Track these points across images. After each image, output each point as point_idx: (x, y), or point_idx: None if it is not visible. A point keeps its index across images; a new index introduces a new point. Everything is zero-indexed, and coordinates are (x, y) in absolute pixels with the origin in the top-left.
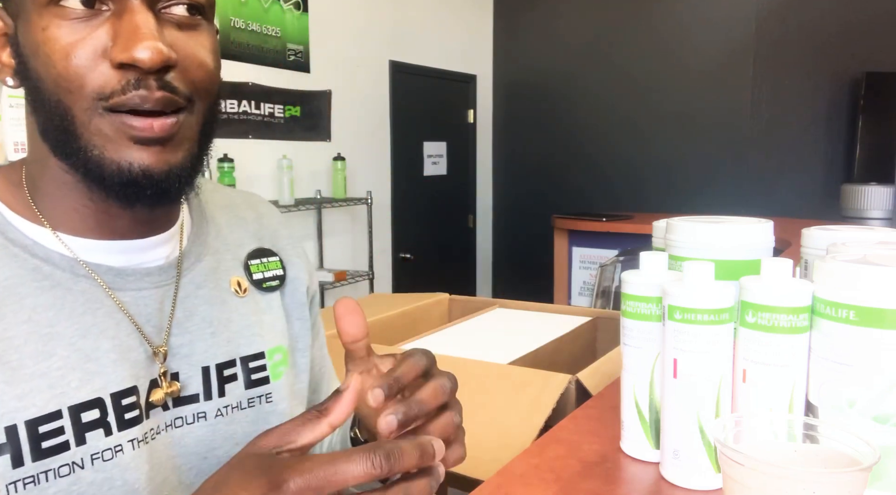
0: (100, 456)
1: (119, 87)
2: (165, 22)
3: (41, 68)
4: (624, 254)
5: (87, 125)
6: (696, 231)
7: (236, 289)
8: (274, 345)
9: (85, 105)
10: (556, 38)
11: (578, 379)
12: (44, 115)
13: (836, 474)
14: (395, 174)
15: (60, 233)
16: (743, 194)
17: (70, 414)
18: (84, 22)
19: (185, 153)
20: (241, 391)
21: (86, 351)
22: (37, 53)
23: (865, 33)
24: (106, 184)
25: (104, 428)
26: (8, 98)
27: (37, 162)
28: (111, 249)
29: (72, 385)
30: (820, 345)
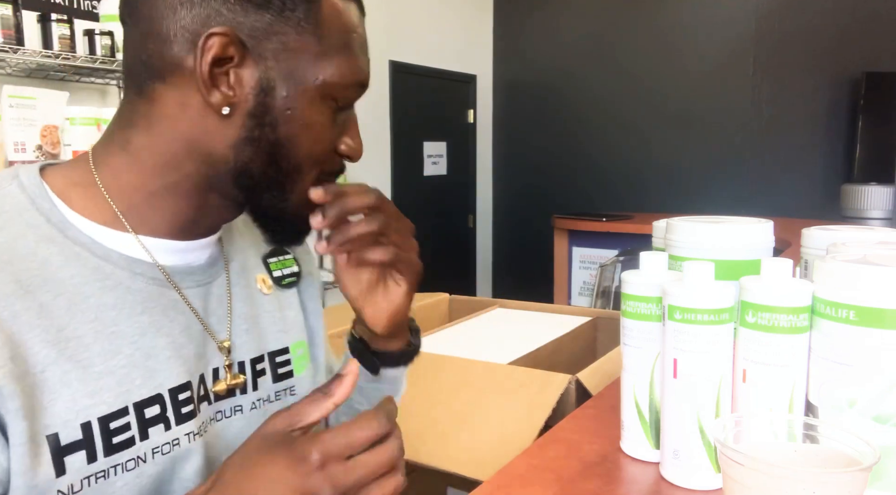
0: (160, 449)
1: (336, 169)
2: None
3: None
4: (624, 254)
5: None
6: (696, 231)
7: (262, 286)
8: (296, 340)
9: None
10: (557, 37)
11: (578, 380)
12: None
13: (836, 474)
14: (395, 174)
15: (124, 232)
16: (743, 194)
17: (135, 411)
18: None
19: None
20: (269, 384)
21: (145, 348)
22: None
23: (865, 33)
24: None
25: (164, 423)
26: (8, 98)
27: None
28: (167, 248)
29: (135, 382)
30: (820, 345)
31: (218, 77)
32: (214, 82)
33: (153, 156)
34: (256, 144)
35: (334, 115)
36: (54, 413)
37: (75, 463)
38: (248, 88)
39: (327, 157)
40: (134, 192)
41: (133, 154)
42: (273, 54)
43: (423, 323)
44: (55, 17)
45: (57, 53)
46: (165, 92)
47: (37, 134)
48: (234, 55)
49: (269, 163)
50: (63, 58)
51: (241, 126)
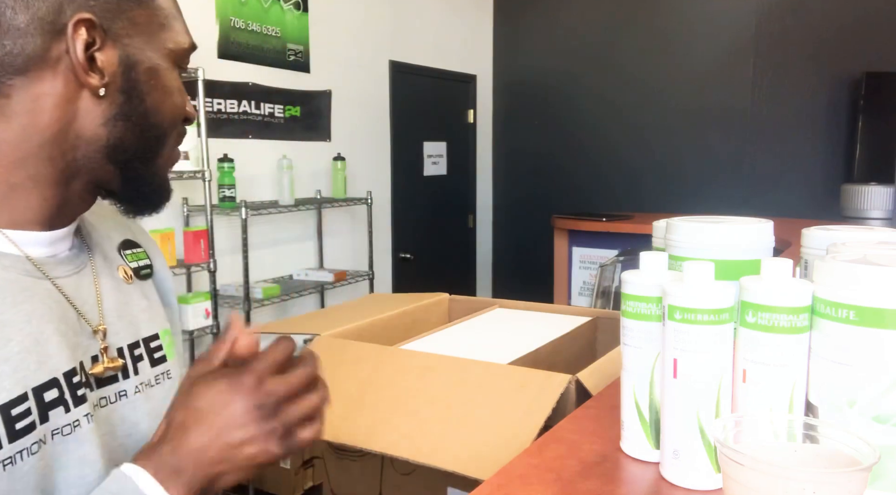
0: (59, 431)
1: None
2: None
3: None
4: (624, 254)
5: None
6: (696, 231)
7: (124, 276)
8: (163, 327)
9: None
10: (556, 37)
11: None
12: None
13: (836, 474)
14: (395, 174)
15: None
16: (743, 194)
17: (34, 395)
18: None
19: None
20: (148, 369)
21: (34, 334)
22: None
23: (865, 33)
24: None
25: (63, 406)
26: None
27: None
28: (42, 240)
29: (31, 367)
30: (820, 345)
31: (88, 61)
32: (88, 65)
33: (15, 150)
34: (127, 118)
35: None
36: None
37: None
38: (115, 66)
39: (179, 121)
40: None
41: (18, 157)
42: (126, 31)
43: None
44: None
45: None
46: (25, 85)
47: None
48: (97, 38)
49: (139, 134)
50: None
51: (112, 103)
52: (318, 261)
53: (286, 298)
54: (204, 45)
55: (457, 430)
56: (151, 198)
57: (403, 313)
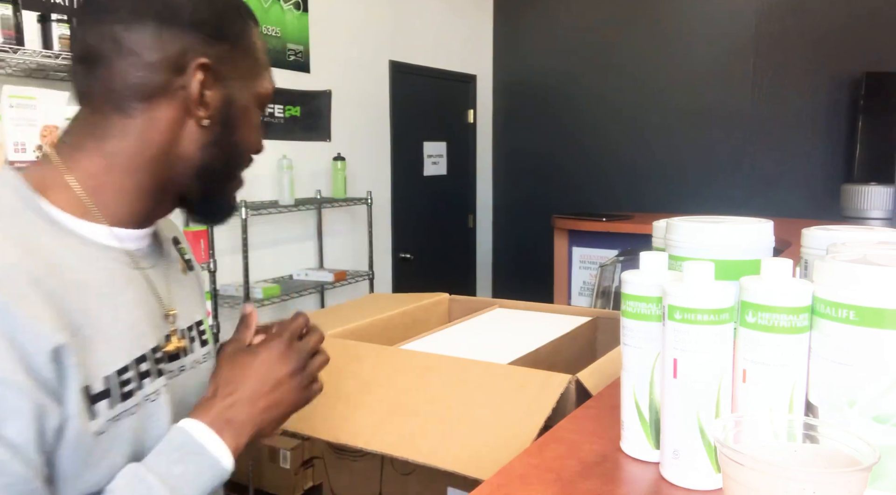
0: (149, 397)
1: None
2: None
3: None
4: (624, 254)
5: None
6: (696, 231)
7: (182, 269)
8: (203, 315)
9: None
10: (556, 38)
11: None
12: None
13: (836, 474)
14: (395, 174)
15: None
16: (743, 194)
17: (135, 365)
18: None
19: None
20: (199, 349)
21: (134, 315)
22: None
23: (865, 33)
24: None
25: (150, 376)
26: (8, 98)
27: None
28: (129, 237)
29: (133, 343)
30: (820, 345)
31: (199, 96)
32: (200, 100)
33: (129, 161)
34: (219, 146)
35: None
36: (88, 369)
37: (102, 409)
38: (218, 103)
39: (252, 153)
40: (108, 191)
41: (110, 160)
42: (230, 75)
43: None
44: (55, 17)
45: (57, 53)
46: (146, 109)
47: (37, 134)
48: (209, 79)
49: (225, 159)
50: (63, 58)
51: (210, 132)
52: (318, 261)
53: (286, 298)
54: None
55: (457, 430)
56: (220, 213)
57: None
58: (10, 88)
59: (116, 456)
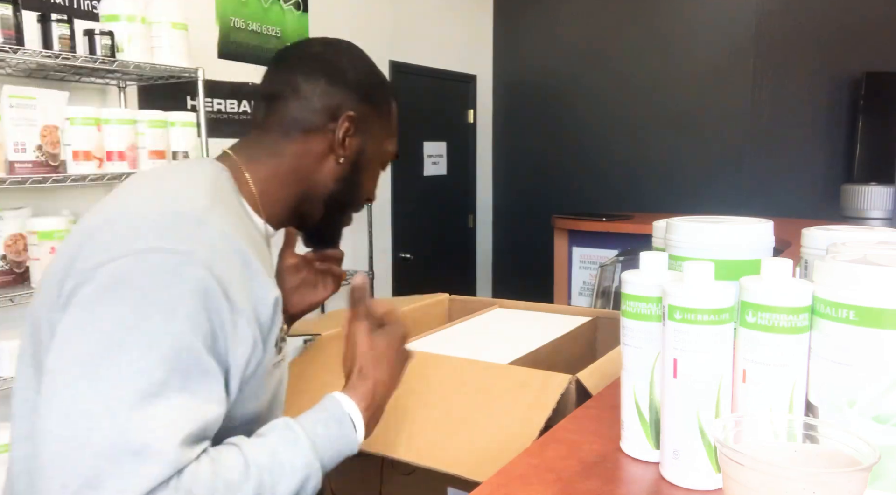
0: (283, 358)
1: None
2: None
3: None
4: (624, 254)
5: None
6: (696, 231)
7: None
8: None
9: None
10: (556, 38)
11: (578, 380)
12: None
13: (836, 474)
14: (395, 174)
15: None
16: (743, 194)
17: (283, 331)
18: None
19: None
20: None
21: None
22: (365, 177)
23: (865, 33)
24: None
25: (285, 343)
26: (8, 98)
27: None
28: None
29: (283, 311)
30: (820, 345)
31: (342, 140)
32: (342, 143)
33: (285, 175)
34: (347, 182)
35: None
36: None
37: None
38: (354, 149)
39: (366, 198)
40: (269, 193)
41: (274, 171)
42: (368, 129)
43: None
44: (55, 17)
45: (57, 53)
46: (302, 139)
47: (37, 134)
48: (353, 128)
49: (349, 195)
50: (63, 58)
51: (343, 169)
52: None
53: None
54: (204, 45)
55: (456, 430)
56: (327, 240)
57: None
58: (10, 88)
59: (266, 395)
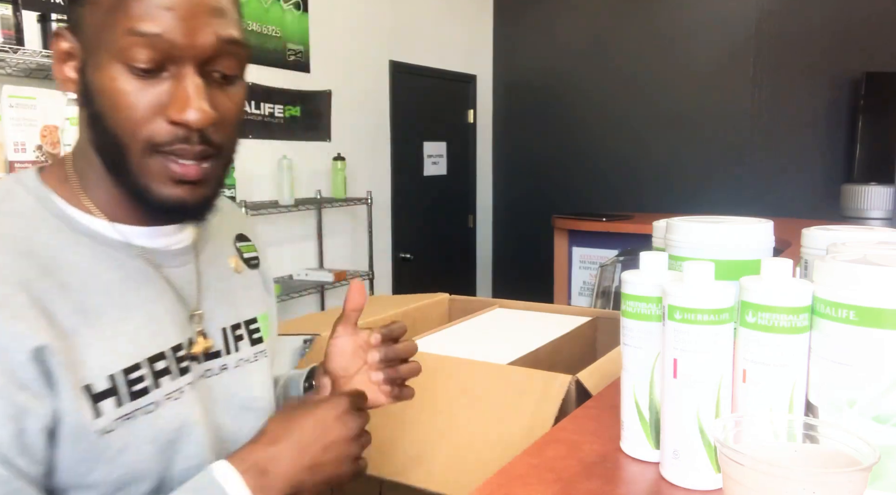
0: (171, 396)
1: (168, 139)
2: (211, 81)
3: (106, 109)
4: (624, 254)
5: (139, 163)
6: (696, 231)
7: (234, 267)
8: (262, 312)
9: (138, 147)
10: (556, 38)
11: (578, 380)
12: (101, 138)
13: (836, 474)
14: (395, 174)
15: (110, 221)
16: (743, 194)
17: (148, 364)
18: (147, 81)
19: (211, 189)
20: (248, 347)
21: (150, 314)
22: (104, 95)
23: (865, 33)
24: (148, 206)
25: (170, 375)
26: (8, 98)
27: (85, 161)
28: (151, 234)
29: (145, 341)
30: (820, 345)
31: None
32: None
33: (82, 153)
34: (89, 122)
35: (140, 79)
36: (87, 368)
37: (107, 407)
38: (75, 72)
39: (147, 128)
40: (90, 184)
41: (79, 149)
42: (86, 38)
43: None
44: (55, 17)
45: None
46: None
47: (37, 134)
48: (68, 47)
49: (100, 140)
50: None
51: (81, 108)
52: (318, 261)
53: (286, 298)
54: None
55: (456, 430)
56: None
57: (403, 313)
58: (10, 88)
59: (136, 453)
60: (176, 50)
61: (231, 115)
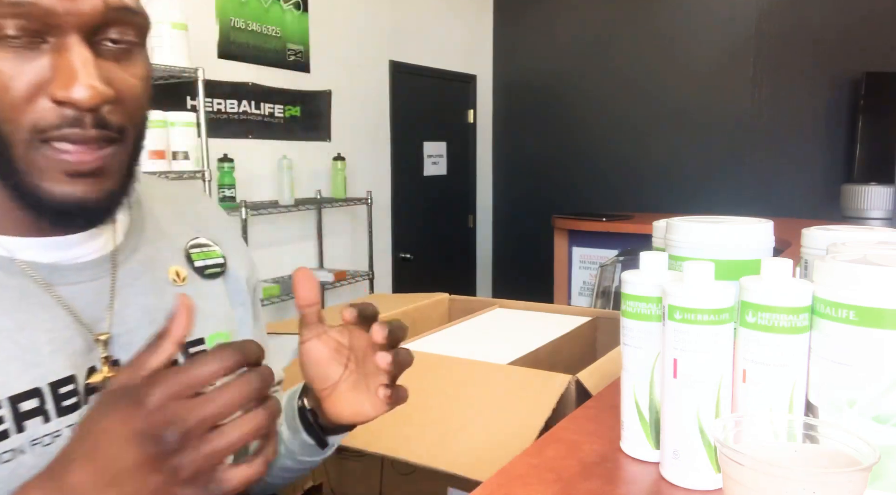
0: (39, 441)
1: (56, 122)
2: (102, 53)
3: None
4: (624, 254)
5: (24, 156)
6: (696, 231)
7: (174, 278)
8: (214, 330)
9: (22, 137)
10: (556, 38)
11: (578, 380)
12: None
13: (836, 474)
14: (395, 174)
15: None
16: (743, 194)
17: (10, 404)
18: (23, 55)
19: (115, 181)
20: None
21: (23, 344)
22: None
23: (865, 33)
24: (41, 209)
25: (42, 416)
26: None
27: None
28: (44, 246)
29: (11, 376)
30: (820, 345)
31: None
32: None
33: None
34: None
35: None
36: None
37: None
38: None
39: (30, 112)
40: None
41: None
42: None
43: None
44: None
45: None
46: None
47: None
48: None
49: None
50: None
51: None
52: (318, 261)
53: (286, 298)
54: (204, 45)
55: (456, 430)
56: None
57: (403, 313)
58: None
59: None
60: (54, 17)
61: (132, 93)
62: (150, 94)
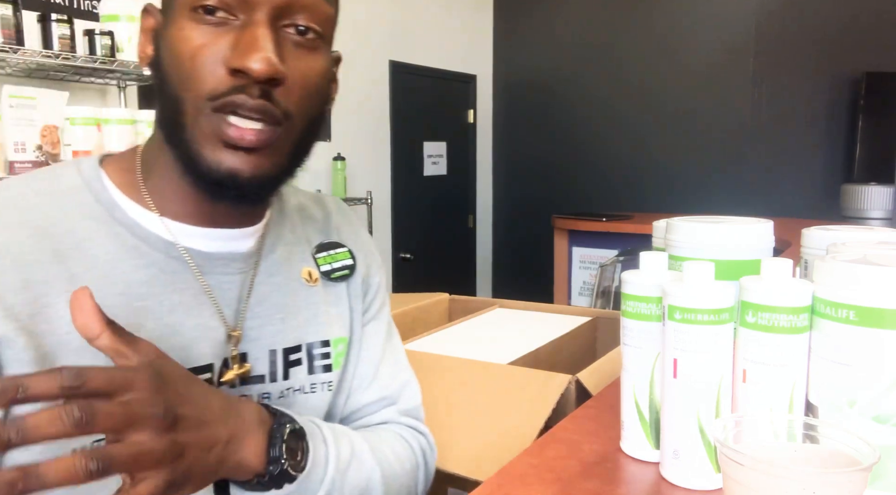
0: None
1: (226, 89)
2: (286, 39)
3: (170, 64)
4: (624, 254)
5: (195, 122)
6: (696, 231)
7: (307, 278)
8: (338, 335)
9: (197, 103)
10: (556, 38)
11: (578, 380)
12: (163, 104)
13: (836, 474)
14: (395, 174)
15: (164, 216)
16: (743, 194)
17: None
18: (214, 29)
19: (272, 163)
20: (304, 375)
21: (172, 326)
22: (170, 50)
23: (865, 33)
24: (198, 177)
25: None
26: (8, 98)
27: (154, 147)
28: (206, 235)
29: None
30: (820, 345)
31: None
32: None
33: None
34: (158, 96)
35: (208, 27)
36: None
37: None
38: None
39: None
40: (160, 180)
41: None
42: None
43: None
44: (55, 17)
45: (57, 53)
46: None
47: (37, 134)
48: (152, 23)
49: (163, 107)
50: (63, 58)
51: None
52: None
53: None
54: None
55: (456, 430)
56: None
57: (403, 313)
58: (10, 88)
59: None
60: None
61: (304, 82)
62: (327, 94)
